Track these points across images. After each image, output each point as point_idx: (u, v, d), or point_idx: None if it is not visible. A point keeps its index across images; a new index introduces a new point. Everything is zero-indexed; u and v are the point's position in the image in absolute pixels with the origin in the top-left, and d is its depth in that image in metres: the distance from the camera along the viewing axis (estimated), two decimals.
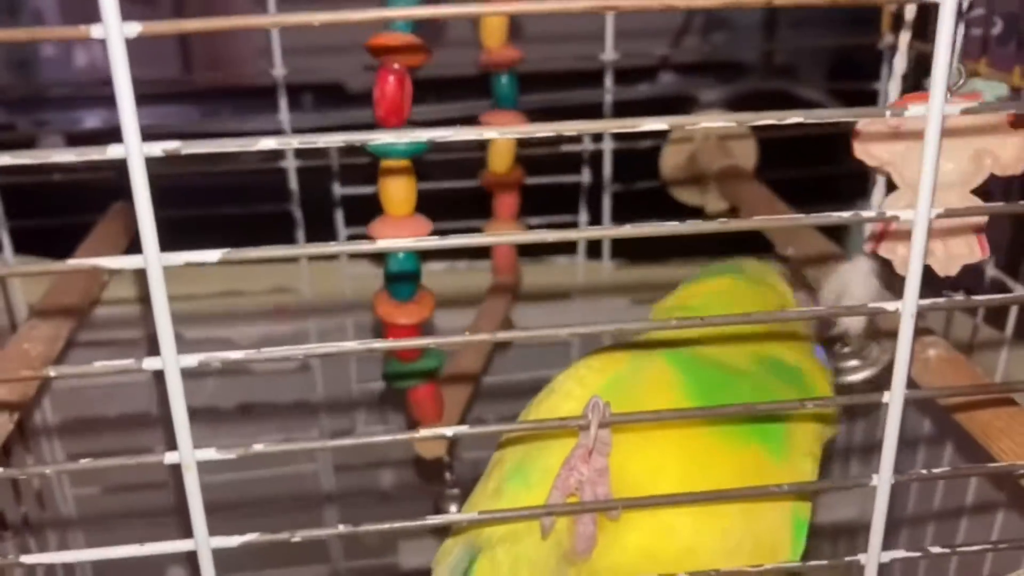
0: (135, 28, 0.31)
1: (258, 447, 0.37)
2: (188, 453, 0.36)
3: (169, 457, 0.37)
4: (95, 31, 0.31)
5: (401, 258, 0.51)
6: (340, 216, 0.90)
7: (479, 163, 0.77)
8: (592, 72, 0.90)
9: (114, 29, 0.31)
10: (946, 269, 0.46)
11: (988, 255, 0.44)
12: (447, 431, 0.39)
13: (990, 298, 0.40)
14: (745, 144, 0.92)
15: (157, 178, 0.33)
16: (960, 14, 0.45)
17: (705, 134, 0.92)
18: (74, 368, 0.36)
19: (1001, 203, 0.38)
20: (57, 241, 0.75)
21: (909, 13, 0.48)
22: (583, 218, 0.92)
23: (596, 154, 0.91)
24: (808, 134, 0.87)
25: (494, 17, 0.69)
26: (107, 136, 0.32)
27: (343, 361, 0.91)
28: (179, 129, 1.17)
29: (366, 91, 0.51)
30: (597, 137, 0.90)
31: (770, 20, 1.43)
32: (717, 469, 0.45)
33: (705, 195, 0.93)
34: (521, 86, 0.74)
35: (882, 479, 0.40)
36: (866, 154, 0.47)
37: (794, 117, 0.35)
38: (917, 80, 0.53)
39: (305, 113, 1.18)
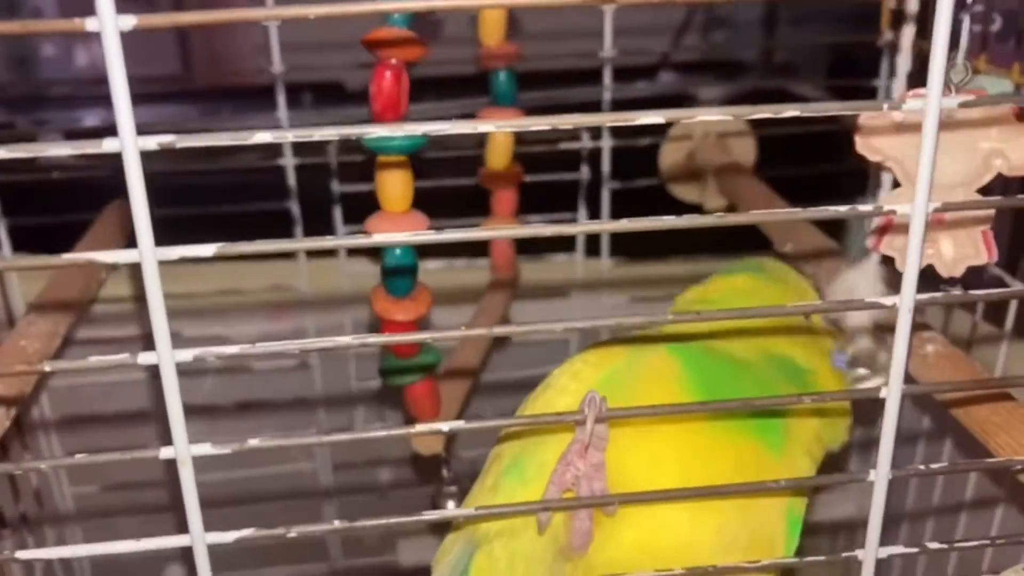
0: (130, 21, 0.31)
1: (253, 442, 0.37)
2: (183, 448, 0.36)
3: (165, 452, 0.37)
4: (90, 24, 0.31)
5: (398, 253, 0.51)
6: (339, 213, 0.90)
7: (478, 161, 0.76)
8: (591, 70, 0.90)
9: (109, 22, 0.30)
10: (951, 270, 0.45)
11: (995, 257, 0.44)
12: (444, 426, 0.38)
13: (988, 292, 0.40)
14: (744, 142, 0.92)
15: (156, 176, 0.33)
16: (963, 6, 0.44)
17: (704, 131, 0.92)
18: (70, 363, 0.36)
19: (999, 197, 0.38)
20: (55, 239, 0.75)
21: (912, 6, 0.47)
22: (582, 215, 0.92)
23: (595, 151, 0.91)
24: (807, 132, 0.87)
25: (492, 14, 0.69)
26: (106, 135, 0.32)
27: (342, 359, 0.91)
28: (178, 128, 1.17)
29: (365, 90, 0.51)
30: (596, 134, 0.90)
31: (770, 18, 1.42)
32: (715, 464, 0.44)
33: (704, 192, 0.93)
34: (520, 84, 0.74)
35: (879, 474, 0.40)
36: (868, 149, 0.46)
37: (791, 110, 0.35)
38: (922, 79, 0.53)
39: (304, 111, 1.18)
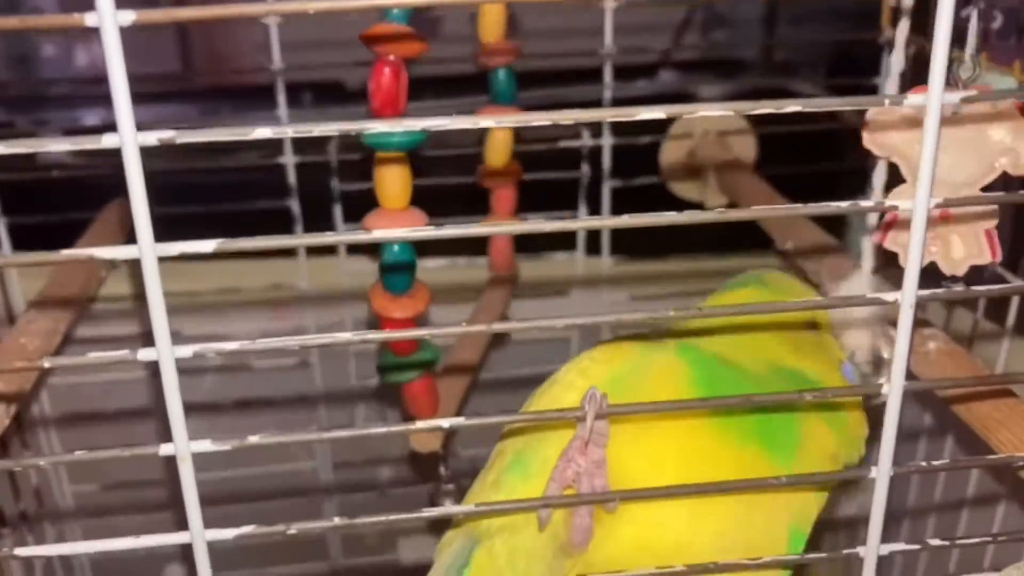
0: (129, 16, 0.31)
1: (253, 439, 0.37)
2: (183, 445, 0.36)
3: (164, 449, 0.37)
4: (89, 19, 0.31)
5: (396, 250, 0.51)
6: (339, 212, 0.90)
7: (477, 159, 0.76)
8: (591, 69, 0.90)
9: (108, 17, 0.30)
10: (955, 269, 0.45)
11: (999, 257, 0.44)
12: (444, 423, 0.38)
13: (989, 289, 0.40)
14: (744, 139, 0.92)
15: (156, 174, 0.33)
16: (969, 1, 0.44)
17: (704, 129, 0.92)
18: (69, 359, 0.36)
19: (1001, 193, 0.38)
20: (55, 238, 0.74)
21: (906, 1, 0.47)
22: (582, 213, 0.92)
23: (595, 149, 0.91)
24: (808, 130, 0.87)
25: (492, 11, 0.69)
26: (110, 132, 0.32)
27: (342, 357, 0.91)
28: (179, 127, 1.17)
29: (365, 88, 0.51)
30: (596, 132, 0.90)
31: (770, 16, 1.42)
32: (717, 471, 0.44)
33: (704, 190, 0.93)
34: (520, 82, 0.73)
35: (881, 471, 0.40)
36: (875, 145, 0.46)
37: (792, 106, 0.35)
38: (923, 78, 0.52)
39: (304, 110, 1.18)
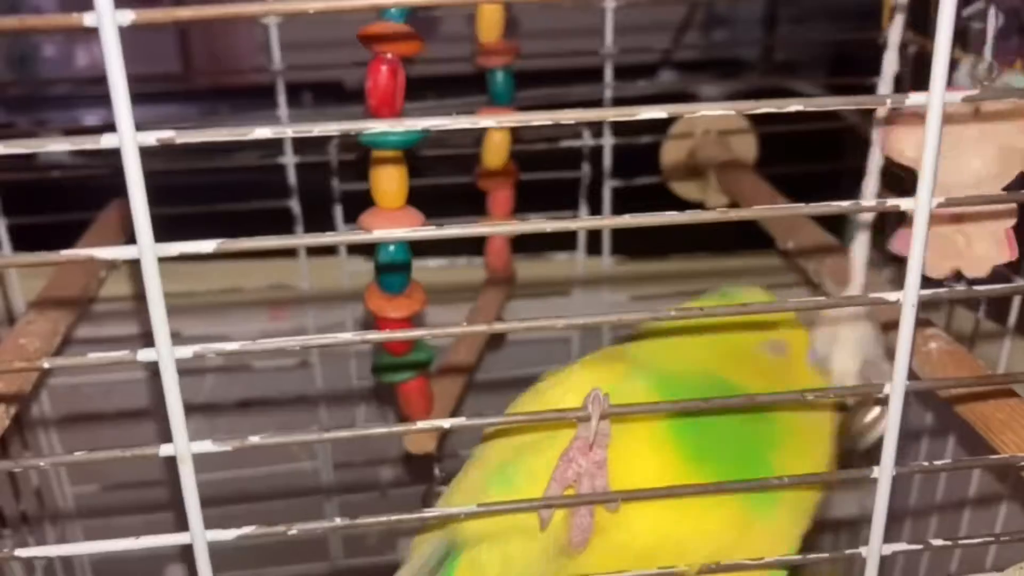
0: (128, 16, 0.31)
1: (254, 439, 0.37)
2: (183, 445, 0.36)
3: (164, 450, 0.37)
4: (88, 19, 0.31)
5: (392, 250, 0.51)
6: (339, 212, 0.90)
7: (475, 159, 0.76)
8: (591, 69, 0.90)
9: (107, 17, 0.30)
10: (978, 270, 0.45)
11: (1015, 254, 0.44)
12: (445, 423, 0.38)
13: (991, 288, 0.40)
14: (745, 139, 0.92)
15: (157, 175, 0.33)
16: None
17: (705, 129, 0.92)
18: (69, 359, 0.35)
19: (1004, 192, 0.38)
20: (55, 238, 0.74)
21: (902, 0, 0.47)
22: (583, 213, 0.92)
23: (596, 149, 0.91)
24: (809, 129, 0.87)
25: (490, 12, 0.69)
26: (110, 132, 0.32)
27: (342, 357, 0.91)
28: (179, 127, 1.17)
29: (364, 88, 0.50)
30: (597, 132, 0.90)
31: (770, 16, 1.42)
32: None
33: (705, 190, 0.93)
34: (520, 82, 0.73)
35: (883, 471, 0.40)
36: (895, 152, 0.46)
37: (793, 105, 0.35)
38: (918, 78, 0.51)
39: (304, 111, 1.18)
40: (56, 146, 0.33)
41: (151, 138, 0.32)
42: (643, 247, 0.94)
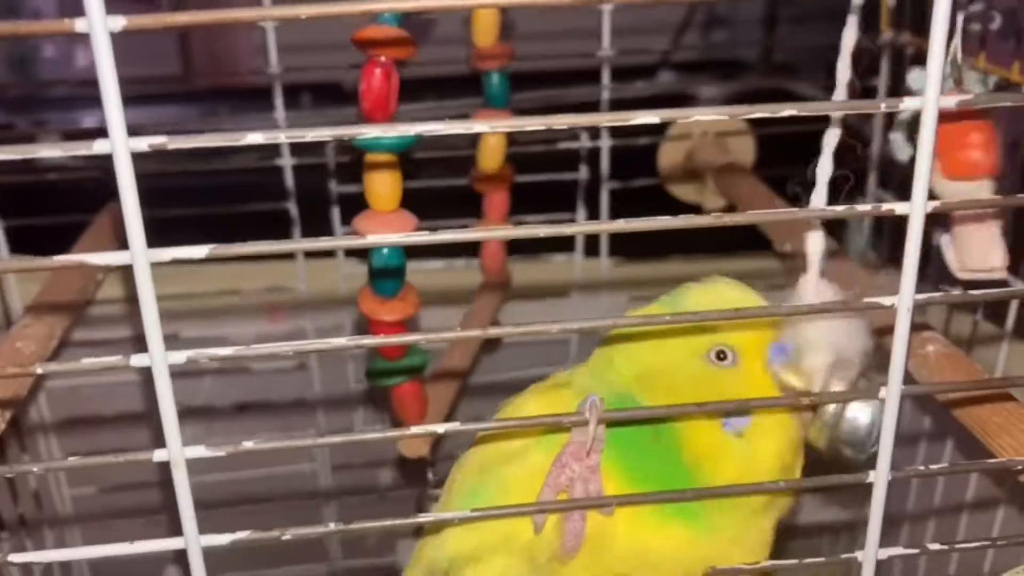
0: (119, 22, 0.31)
1: (247, 444, 0.37)
2: (177, 450, 0.36)
3: (158, 455, 0.36)
4: (79, 25, 0.31)
5: (385, 254, 0.51)
6: (337, 214, 0.89)
7: (472, 161, 0.76)
8: (590, 70, 0.90)
9: (98, 23, 0.30)
10: (993, 273, 0.45)
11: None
12: (438, 428, 0.38)
13: (986, 292, 0.40)
14: (743, 141, 0.92)
15: (155, 177, 0.33)
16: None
17: (703, 131, 0.92)
18: (62, 365, 0.35)
19: (997, 196, 0.38)
20: (53, 241, 0.75)
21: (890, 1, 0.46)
22: (581, 215, 0.92)
23: (594, 151, 0.91)
24: (808, 131, 0.87)
25: (485, 15, 0.69)
26: (104, 136, 0.32)
27: (340, 360, 0.91)
28: (177, 128, 1.17)
29: None
30: (594, 134, 0.90)
31: (770, 17, 1.42)
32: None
33: (703, 192, 0.93)
34: (518, 84, 0.73)
35: (879, 475, 0.40)
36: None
37: (788, 110, 0.35)
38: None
39: (303, 112, 1.17)
40: (49, 152, 0.33)
41: (143, 144, 0.32)
42: (641, 249, 0.94)
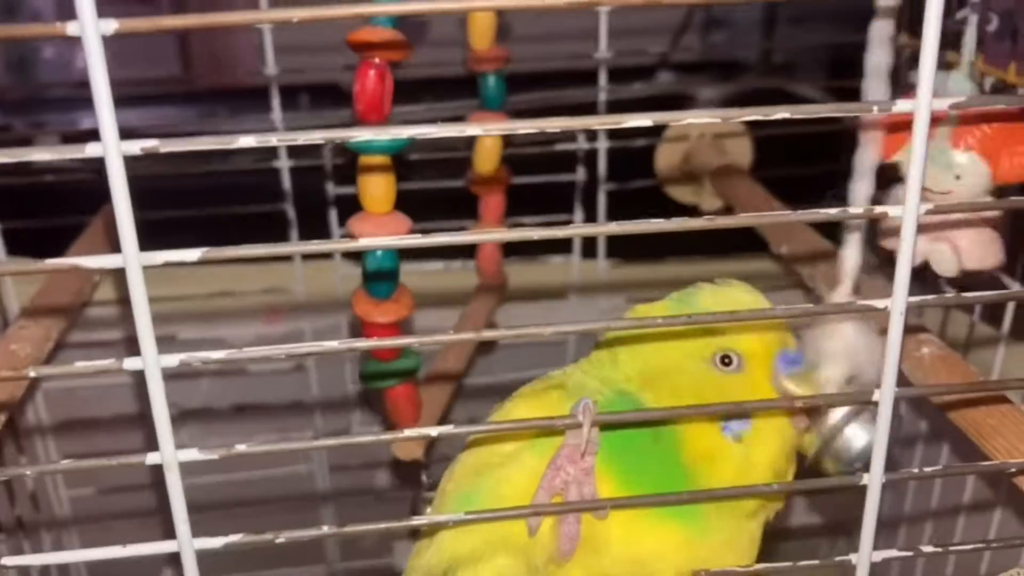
0: (111, 25, 0.31)
1: (240, 447, 0.37)
2: (170, 453, 0.36)
3: (151, 458, 0.36)
4: (71, 28, 0.31)
5: (379, 256, 0.51)
6: (334, 216, 0.89)
7: (468, 162, 0.76)
8: (590, 71, 0.90)
9: (89, 26, 0.30)
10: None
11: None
12: (431, 431, 0.38)
13: (980, 295, 0.40)
14: (741, 142, 0.92)
15: (153, 178, 0.33)
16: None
17: (700, 132, 0.92)
18: (55, 368, 0.36)
19: (989, 199, 0.38)
20: (51, 242, 0.75)
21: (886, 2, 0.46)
22: (578, 217, 0.92)
23: (591, 153, 0.91)
24: (806, 132, 0.87)
25: (480, 18, 0.69)
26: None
27: (337, 361, 0.91)
28: (177, 130, 1.17)
29: None
30: (592, 136, 0.90)
31: (769, 18, 1.42)
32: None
33: (700, 193, 0.93)
34: (515, 85, 0.73)
35: (873, 478, 0.40)
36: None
37: (780, 113, 0.35)
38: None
39: (300, 113, 1.17)
40: (41, 155, 0.33)
41: (135, 147, 0.32)
42: (639, 250, 0.94)
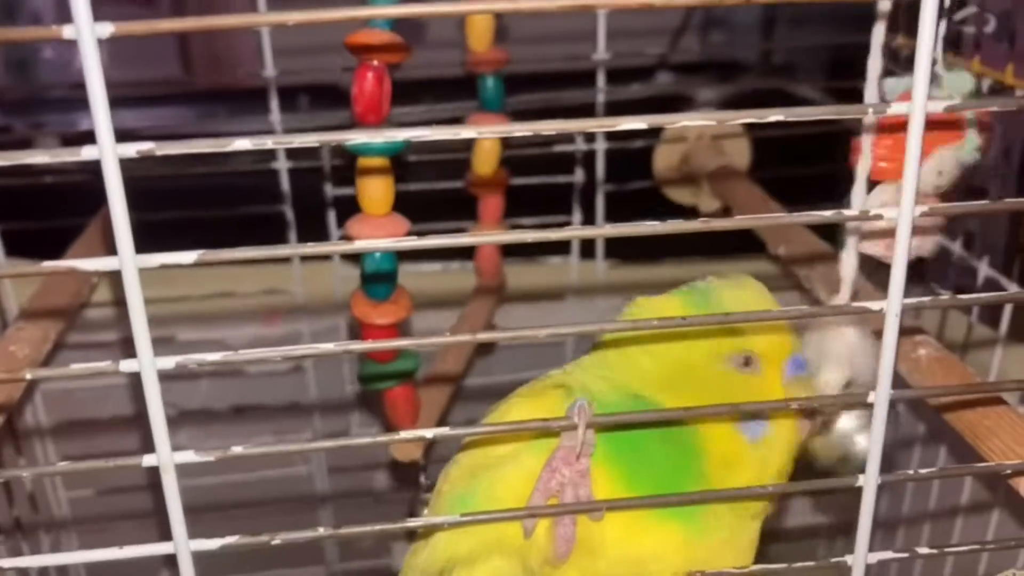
0: (107, 28, 0.31)
1: (237, 449, 0.37)
2: (166, 455, 0.36)
3: (147, 460, 0.37)
4: (67, 31, 0.31)
5: (377, 258, 0.51)
6: (332, 217, 0.90)
7: (466, 165, 0.76)
8: (588, 72, 0.90)
9: (85, 29, 0.30)
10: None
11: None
12: (428, 432, 0.38)
13: (975, 297, 0.40)
14: (739, 143, 0.92)
15: (152, 180, 0.33)
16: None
17: (698, 133, 0.92)
18: (52, 370, 0.36)
19: (984, 201, 0.38)
20: (50, 243, 0.75)
21: (884, 5, 0.46)
22: (577, 218, 0.92)
23: (590, 154, 0.91)
24: (804, 133, 0.87)
25: (479, 20, 0.69)
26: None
27: (335, 362, 0.91)
28: (176, 131, 1.17)
29: None
30: (590, 137, 0.90)
31: (768, 19, 1.42)
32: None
33: (699, 195, 0.93)
34: (514, 86, 0.73)
35: (868, 479, 0.40)
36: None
37: (775, 115, 0.35)
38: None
39: (300, 114, 1.17)
40: (37, 158, 0.33)
41: (131, 150, 0.32)
42: (637, 251, 0.94)
